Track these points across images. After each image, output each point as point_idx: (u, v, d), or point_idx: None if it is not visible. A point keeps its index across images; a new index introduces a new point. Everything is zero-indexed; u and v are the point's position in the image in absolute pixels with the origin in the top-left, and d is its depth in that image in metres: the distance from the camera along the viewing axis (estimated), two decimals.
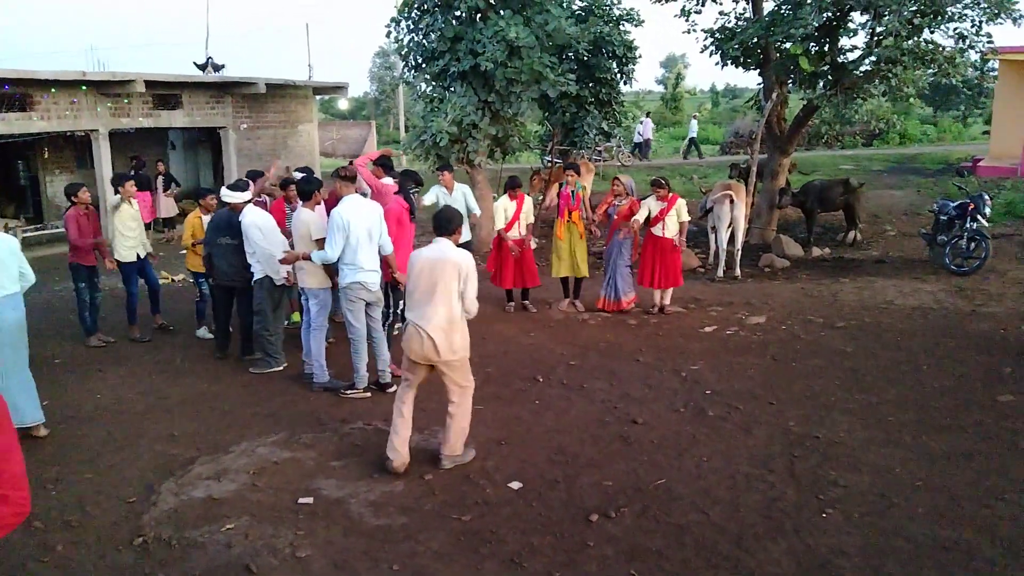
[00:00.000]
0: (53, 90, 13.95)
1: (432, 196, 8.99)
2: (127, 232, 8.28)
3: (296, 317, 8.51)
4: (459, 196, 8.97)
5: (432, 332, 5.03)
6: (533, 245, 9.38)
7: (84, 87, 14.39)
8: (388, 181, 7.58)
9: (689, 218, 9.15)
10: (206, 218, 8.14)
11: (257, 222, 7.04)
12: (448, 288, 5.04)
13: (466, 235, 9.16)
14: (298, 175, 8.21)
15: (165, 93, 16.00)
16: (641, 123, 28.62)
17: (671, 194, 8.95)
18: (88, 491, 4.99)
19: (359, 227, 6.32)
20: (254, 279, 7.17)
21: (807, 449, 5.40)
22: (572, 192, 9.17)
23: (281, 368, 7.31)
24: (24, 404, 5.62)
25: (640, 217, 8.82)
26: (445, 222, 5.19)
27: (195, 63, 18.56)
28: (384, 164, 8.07)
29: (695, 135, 28.45)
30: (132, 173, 15.38)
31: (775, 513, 4.54)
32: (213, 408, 6.47)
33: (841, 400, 6.31)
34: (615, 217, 9.07)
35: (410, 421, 5.28)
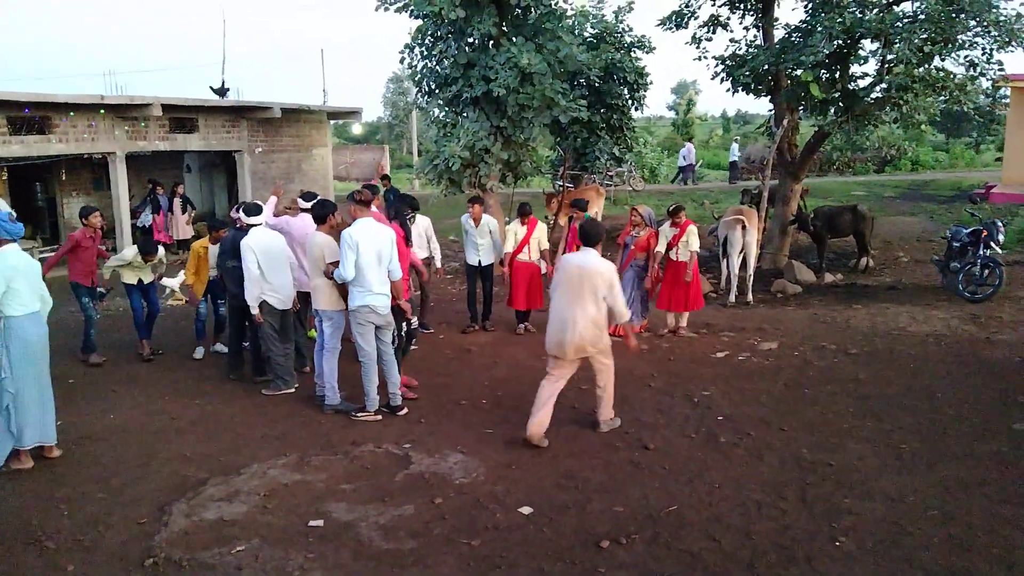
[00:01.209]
0: (71, 113, 14.14)
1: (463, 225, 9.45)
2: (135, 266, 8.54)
3: (313, 333, 8.54)
4: (484, 228, 9.32)
5: (583, 330, 5.86)
6: (544, 269, 9.44)
7: (102, 110, 14.60)
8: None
9: (698, 247, 9.20)
10: (213, 248, 8.23)
11: (252, 244, 7.06)
12: (595, 291, 5.89)
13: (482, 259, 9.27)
14: (302, 202, 8.26)
15: (181, 117, 16.20)
16: (685, 147, 28.88)
17: (683, 221, 9.09)
18: (100, 511, 5.00)
19: (368, 249, 6.36)
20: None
21: (819, 476, 5.36)
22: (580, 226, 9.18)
23: (292, 390, 7.33)
24: (43, 422, 5.66)
25: (661, 248, 9.02)
26: (591, 235, 6.09)
27: (212, 88, 18.80)
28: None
29: (736, 158, 28.56)
30: (149, 194, 15.58)
31: (787, 541, 4.51)
32: (225, 429, 6.49)
33: (854, 427, 6.27)
34: (632, 247, 9.11)
35: (551, 410, 6.04)
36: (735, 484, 5.27)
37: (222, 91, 18.69)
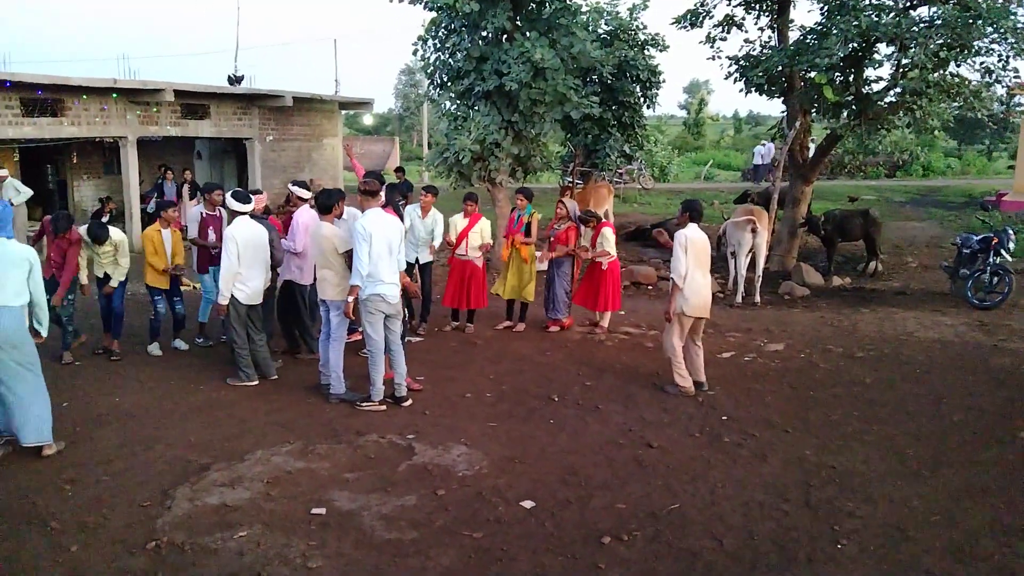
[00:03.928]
0: (84, 96, 14.20)
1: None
2: (98, 252, 7.99)
3: None
4: (430, 222, 8.93)
5: (710, 294, 7.13)
6: (478, 263, 9.12)
7: (115, 94, 14.64)
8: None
9: (612, 249, 9.15)
10: (166, 232, 8.11)
11: (235, 234, 6.97)
12: (708, 260, 7.16)
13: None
14: (296, 188, 8.20)
15: (193, 103, 16.23)
16: (763, 145, 28.83)
17: (600, 223, 9.24)
18: (104, 494, 5.02)
19: (380, 240, 6.37)
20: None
21: (823, 479, 5.35)
22: (518, 216, 9.21)
23: (254, 383, 7.25)
24: (38, 419, 5.51)
25: (584, 242, 9.28)
26: (698, 211, 7.14)
27: (229, 76, 18.80)
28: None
29: (760, 161, 28.47)
30: (160, 181, 15.61)
31: (789, 542, 4.50)
32: (229, 416, 6.50)
33: (859, 431, 6.25)
34: (553, 239, 9.21)
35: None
36: (738, 484, 5.26)
37: (237, 80, 18.70)
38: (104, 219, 15.11)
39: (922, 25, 11.41)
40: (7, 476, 5.27)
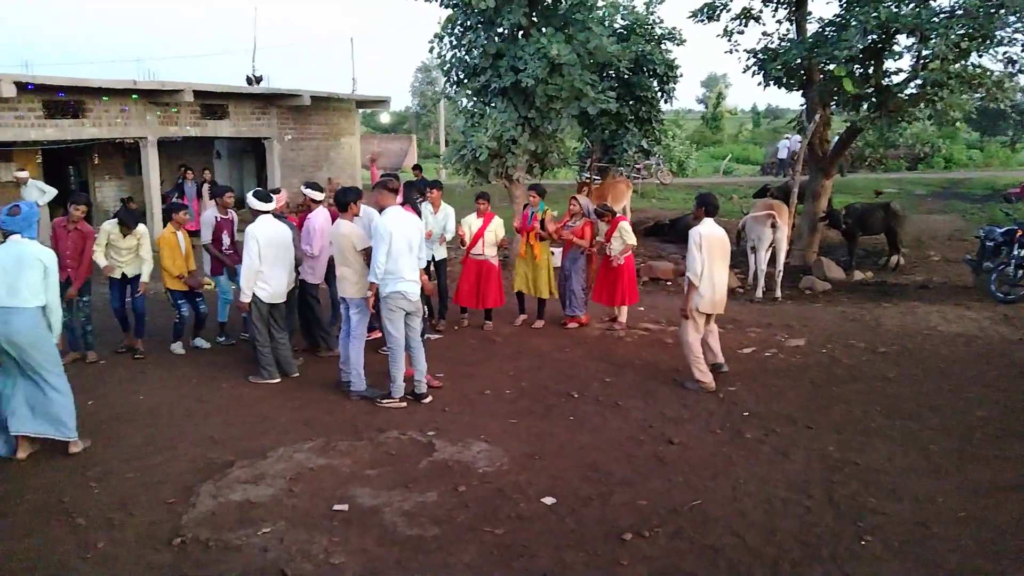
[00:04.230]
0: (105, 98, 14.33)
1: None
2: (113, 253, 8.05)
3: None
4: (441, 217, 8.96)
5: (725, 290, 7.13)
6: (494, 262, 9.17)
7: (135, 96, 14.77)
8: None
9: (634, 241, 9.27)
10: (180, 235, 8.16)
11: (257, 233, 7.01)
12: (728, 255, 7.11)
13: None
14: (308, 191, 8.21)
15: (212, 103, 16.35)
16: (788, 138, 28.61)
17: (615, 217, 9.26)
18: (129, 490, 5.08)
19: (400, 237, 6.40)
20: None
21: (846, 475, 5.31)
22: (532, 213, 9.24)
23: (275, 381, 7.30)
24: (58, 416, 5.55)
25: (599, 238, 9.28)
26: (713, 205, 7.10)
27: (248, 76, 18.91)
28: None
29: (785, 156, 28.25)
30: (181, 181, 15.74)
31: (812, 539, 4.47)
32: (252, 413, 6.56)
33: (882, 427, 6.20)
34: (568, 236, 9.21)
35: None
36: (760, 481, 5.24)
37: (256, 80, 18.80)
38: None
39: (943, 15, 11.27)
40: (36, 473, 5.35)
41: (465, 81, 12.68)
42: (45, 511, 4.80)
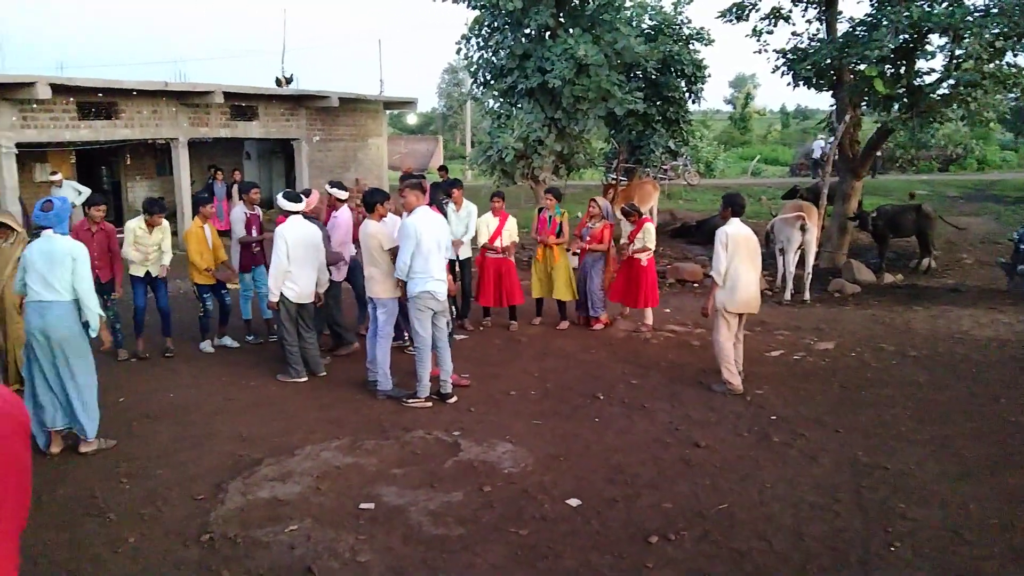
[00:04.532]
0: (136, 98, 14.52)
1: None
2: (139, 250, 8.05)
3: None
4: (464, 215, 9.03)
5: (758, 290, 7.06)
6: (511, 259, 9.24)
7: (166, 97, 14.96)
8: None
9: (653, 244, 9.28)
10: (206, 228, 8.25)
11: (286, 233, 7.08)
12: (759, 254, 7.05)
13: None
14: (333, 190, 8.31)
15: (242, 105, 16.51)
16: (822, 139, 28.35)
17: (640, 218, 9.25)
18: (160, 487, 5.15)
19: (429, 237, 6.45)
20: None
21: (875, 480, 5.25)
22: (549, 217, 9.25)
23: (303, 380, 7.35)
24: (84, 414, 5.61)
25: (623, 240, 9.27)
26: (740, 205, 7.04)
27: (277, 77, 19.08)
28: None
29: (819, 156, 27.93)
30: (211, 182, 15.92)
31: (840, 544, 4.43)
32: (280, 411, 6.62)
33: (912, 431, 6.12)
34: (588, 238, 9.21)
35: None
36: (788, 484, 5.19)
37: (286, 80, 18.97)
38: None
39: (977, 14, 11.11)
40: (68, 469, 5.44)
41: (492, 82, 12.72)
42: (77, 506, 4.88)
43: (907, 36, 11.63)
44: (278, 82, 18.87)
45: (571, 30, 11.54)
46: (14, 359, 6.58)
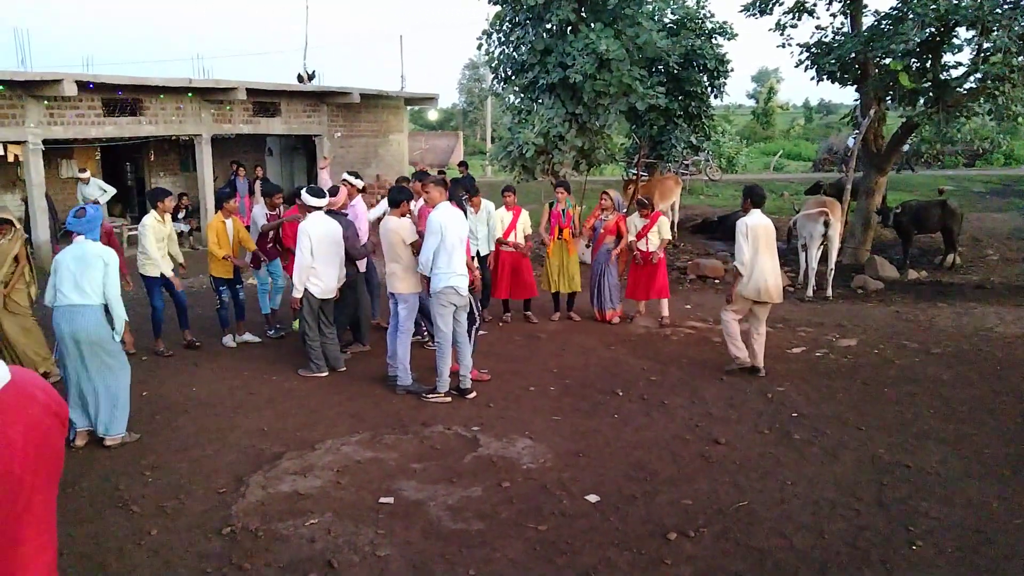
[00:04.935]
0: (161, 96, 14.66)
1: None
2: (150, 248, 8.00)
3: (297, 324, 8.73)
4: (483, 216, 9.05)
5: (777, 280, 7.13)
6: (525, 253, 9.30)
7: (190, 94, 15.09)
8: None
9: (670, 236, 9.43)
10: (228, 222, 8.32)
11: (309, 229, 7.11)
12: (775, 244, 7.17)
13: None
14: (350, 178, 8.42)
15: (265, 101, 16.62)
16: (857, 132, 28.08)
17: (653, 212, 9.30)
18: (182, 480, 5.21)
19: (453, 233, 6.48)
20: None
21: (897, 478, 5.20)
22: (563, 210, 9.29)
23: (324, 375, 7.41)
24: (115, 412, 5.72)
25: (632, 237, 9.24)
26: (760, 196, 7.18)
27: (299, 74, 19.18)
28: (420, 179, 8.30)
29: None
30: (233, 178, 16.04)
31: (861, 542, 4.39)
32: (301, 406, 6.67)
33: (935, 429, 6.05)
34: (601, 231, 9.27)
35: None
36: (808, 482, 5.16)
37: (309, 77, 19.05)
38: (180, 215, 15.68)
39: (1006, 7, 10.91)
40: (92, 462, 5.52)
41: (513, 78, 12.71)
42: (101, 498, 4.96)
43: (933, 29, 11.46)
44: (300, 79, 18.94)
45: (592, 25, 11.49)
46: (13, 355, 6.77)
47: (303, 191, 7.45)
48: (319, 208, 7.30)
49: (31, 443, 1.77)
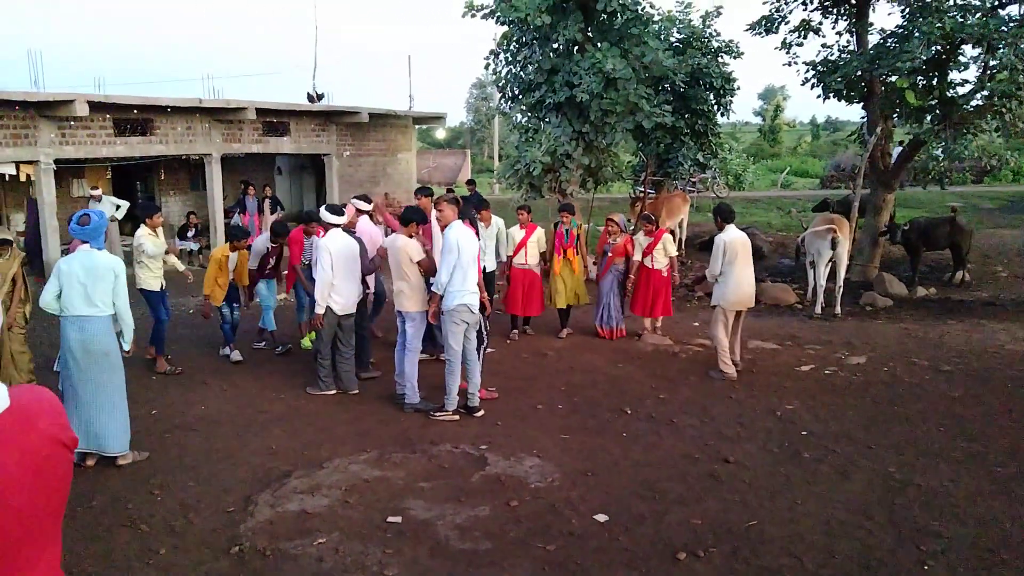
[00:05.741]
0: (171, 114, 14.79)
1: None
2: (150, 263, 8.10)
3: (306, 342, 8.84)
4: (492, 231, 9.24)
5: (752, 287, 7.79)
6: (537, 271, 9.44)
7: (200, 114, 15.22)
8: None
9: (677, 252, 9.59)
10: (232, 256, 8.42)
11: (329, 245, 7.13)
12: (751, 255, 7.75)
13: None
14: (356, 202, 8.42)
15: (274, 121, 16.75)
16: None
17: (658, 229, 9.41)
18: (190, 498, 5.22)
19: (468, 251, 6.52)
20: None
21: (908, 497, 5.16)
22: (566, 231, 9.42)
23: (332, 393, 7.41)
24: (91, 429, 5.61)
25: (637, 257, 9.34)
26: (729, 213, 7.76)
27: (308, 93, 19.34)
28: (426, 194, 8.42)
29: None
30: (241, 195, 16.14)
31: (872, 562, 4.36)
32: (309, 424, 6.67)
33: (946, 448, 6.02)
34: (610, 254, 9.41)
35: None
36: (818, 501, 5.13)
37: (317, 97, 19.22)
38: (190, 233, 15.78)
39: (1012, 24, 10.96)
40: (102, 481, 5.52)
41: (520, 97, 12.79)
42: (110, 517, 4.96)
43: (939, 47, 11.51)
44: (309, 98, 19.10)
45: (599, 44, 11.57)
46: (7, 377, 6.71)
47: (322, 208, 7.53)
48: (337, 225, 7.36)
49: (28, 471, 1.76)
